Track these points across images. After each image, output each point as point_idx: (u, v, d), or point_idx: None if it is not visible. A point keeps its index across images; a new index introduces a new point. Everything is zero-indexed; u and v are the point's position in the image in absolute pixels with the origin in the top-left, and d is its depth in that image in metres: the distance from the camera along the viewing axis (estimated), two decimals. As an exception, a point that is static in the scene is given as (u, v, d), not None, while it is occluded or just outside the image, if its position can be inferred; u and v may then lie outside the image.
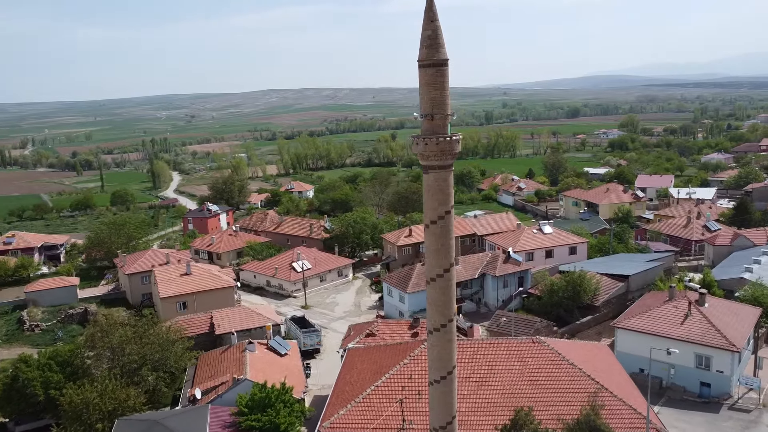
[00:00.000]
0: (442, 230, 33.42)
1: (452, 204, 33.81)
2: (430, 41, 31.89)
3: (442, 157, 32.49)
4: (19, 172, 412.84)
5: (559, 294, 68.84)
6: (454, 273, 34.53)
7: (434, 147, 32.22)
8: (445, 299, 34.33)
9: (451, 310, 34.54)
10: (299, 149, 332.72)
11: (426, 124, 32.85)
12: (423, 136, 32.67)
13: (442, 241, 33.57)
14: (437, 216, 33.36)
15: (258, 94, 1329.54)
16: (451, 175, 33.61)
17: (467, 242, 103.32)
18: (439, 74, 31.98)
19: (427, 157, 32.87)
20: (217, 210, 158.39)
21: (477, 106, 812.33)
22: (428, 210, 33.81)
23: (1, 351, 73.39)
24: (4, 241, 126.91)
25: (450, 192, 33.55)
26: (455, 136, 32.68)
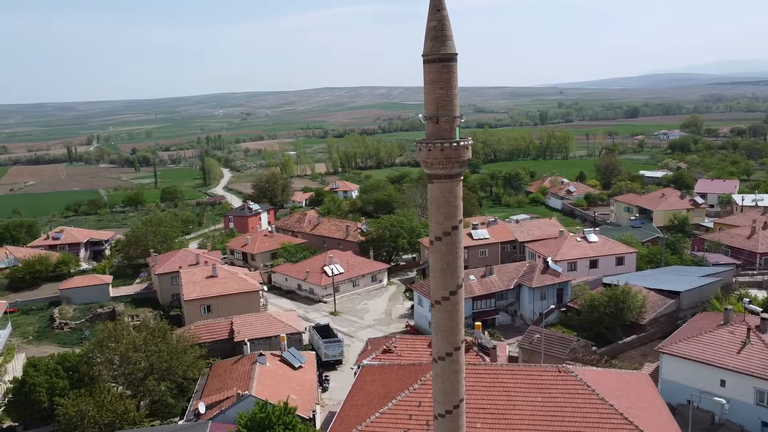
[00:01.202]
0: (449, 248, 29.59)
1: (460, 218, 29.89)
2: (436, 33, 28.11)
3: (448, 166, 28.65)
4: (83, 167, 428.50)
5: (599, 310, 63.47)
6: (462, 296, 30.59)
7: (438, 154, 28.43)
8: (451, 325, 30.45)
9: (458, 337, 30.62)
10: (348, 148, 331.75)
11: (430, 128, 29.09)
12: (426, 141, 28.96)
13: (449, 259, 29.71)
14: (442, 232, 29.53)
15: (312, 92, 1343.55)
16: (459, 186, 29.69)
17: (507, 249, 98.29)
18: (446, 70, 28.15)
19: (431, 165, 29.09)
20: (258, 209, 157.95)
21: (531, 106, 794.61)
22: (433, 224, 30.02)
23: (31, 348, 73.57)
24: (53, 236, 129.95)
25: (458, 205, 29.64)
26: (464, 142, 28.79)
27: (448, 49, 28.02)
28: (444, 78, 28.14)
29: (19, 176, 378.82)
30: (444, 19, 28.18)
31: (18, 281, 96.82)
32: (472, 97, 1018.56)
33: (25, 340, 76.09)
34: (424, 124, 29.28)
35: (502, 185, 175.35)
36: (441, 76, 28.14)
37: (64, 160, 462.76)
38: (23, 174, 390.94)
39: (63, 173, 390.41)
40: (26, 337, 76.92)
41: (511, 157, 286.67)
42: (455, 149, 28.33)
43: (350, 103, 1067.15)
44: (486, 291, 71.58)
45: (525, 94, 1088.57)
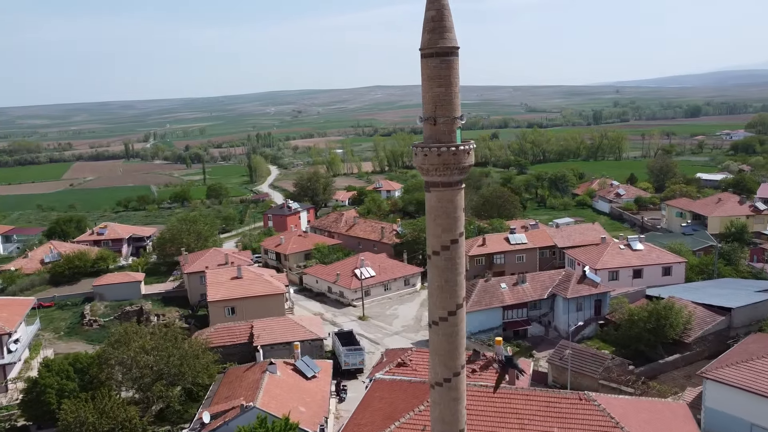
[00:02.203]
0: (448, 263, 26.70)
1: (461, 231, 26.95)
2: (434, 24, 25.24)
3: (446, 172, 25.75)
4: (139, 164, 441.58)
5: (639, 325, 58.88)
6: (463, 316, 27.65)
7: (435, 159, 25.57)
8: (450, 348, 27.55)
9: (457, 362, 27.70)
10: (395, 147, 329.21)
11: (427, 130, 26.26)
12: (422, 144, 26.15)
13: (447, 276, 26.82)
14: (441, 246, 26.68)
15: (364, 90, 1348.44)
16: (460, 195, 26.75)
17: (546, 254, 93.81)
18: (445, 66, 25.25)
19: (427, 171, 26.27)
20: (298, 207, 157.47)
21: (586, 105, 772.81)
22: (431, 237, 27.18)
23: (60, 344, 74.28)
24: (97, 231, 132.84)
25: (458, 216, 26.70)
26: (465, 146, 25.82)
27: (447, 42, 25.12)
28: (443, 74, 25.24)
29: (80, 172, 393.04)
30: (443, 9, 25.27)
31: (58, 276, 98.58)
32: (524, 96, 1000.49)
33: (57, 336, 76.94)
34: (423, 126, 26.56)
35: (547, 187, 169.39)
36: (439, 72, 25.26)
37: (122, 157, 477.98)
38: (84, 170, 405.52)
39: (120, 169, 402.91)
40: (58, 333, 77.80)
41: (560, 158, 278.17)
42: (454, 154, 25.42)
43: (401, 102, 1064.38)
44: (517, 300, 67.87)
45: (579, 93, 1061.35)
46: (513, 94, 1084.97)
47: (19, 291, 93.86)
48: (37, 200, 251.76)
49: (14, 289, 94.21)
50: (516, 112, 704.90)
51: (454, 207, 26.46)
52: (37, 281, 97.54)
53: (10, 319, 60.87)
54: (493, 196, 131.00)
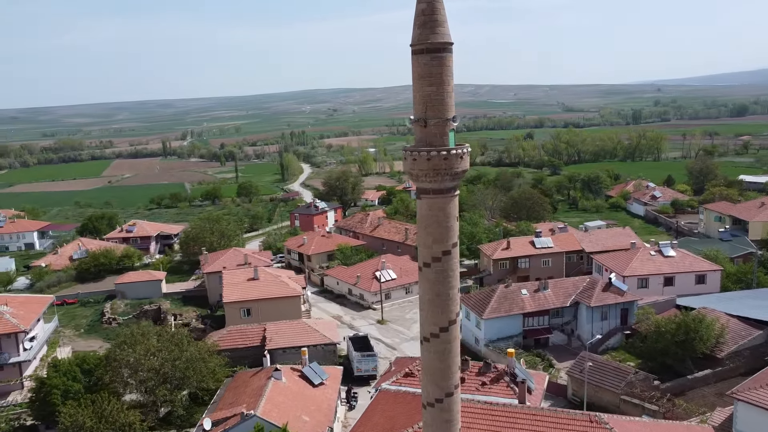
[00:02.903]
0: (439, 276, 24.84)
1: (454, 242, 25.05)
2: (425, 18, 23.39)
3: (437, 179, 23.88)
4: (175, 161, 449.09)
5: (666, 338, 55.65)
6: (456, 334, 25.75)
7: (424, 164, 23.73)
8: (442, 366, 25.67)
9: (450, 382, 25.82)
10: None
11: (418, 132, 24.42)
12: (412, 148, 24.33)
13: (439, 289, 24.96)
14: (431, 257, 24.83)
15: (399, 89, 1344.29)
16: (453, 204, 24.82)
17: (573, 259, 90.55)
18: (436, 63, 23.37)
19: (417, 177, 24.45)
20: (325, 207, 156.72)
21: (625, 104, 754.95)
22: (421, 248, 25.36)
23: (79, 342, 74.75)
24: (126, 229, 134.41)
25: (451, 225, 24.80)
26: (459, 149, 23.89)
27: (438, 38, 23.23)
28: (434, 72, 23.37)
29: (119, 169, 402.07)
30: (434, 2, 23.35)
31: (84, 273, 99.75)
32: (561, 95, 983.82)
33: (77, 333, 77.49)
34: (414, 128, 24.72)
35: (580, 188, 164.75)
36: (430, 69, 23.38)
37: (160, 155, 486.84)
38: (123, 167, 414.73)
39: (157, 167, 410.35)
40: (78, 330, 78.37)
41: (596, 158, 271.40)
42: (445, 159, 23.52)
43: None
44: (538, 307, 65.21)
45: (619, 92, 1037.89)
46: (550, 93, 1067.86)
47: (46, 287, 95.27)
48: (76, 197, 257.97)
49: (41, 285, 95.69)
50: (552, 112, 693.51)
51: (446, 216, 24.56)
52: (63, 278, 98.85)
53: (26, 317, 61.21)
54: (522, 197, 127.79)
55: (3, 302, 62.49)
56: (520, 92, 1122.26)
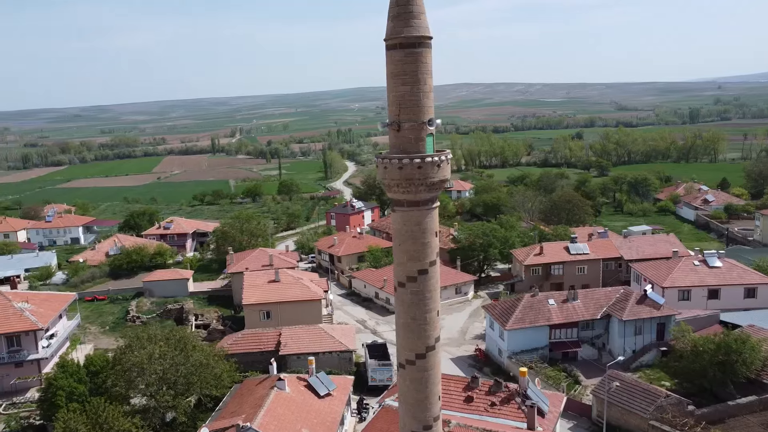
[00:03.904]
0: (414, 297, 22.33)
1: (433, 258, 22.48)
2: (398, 9, 20.87)
3: (410, 189, 21.35)
4: (223, 158, 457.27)
5: (704, 358, 51.18)
6: (435, 361, 23.19)
7: (396, 173, 21.24)
8: (419, 397, 23.15)
9: (428, 414, 23.27)
10: (472, 146, 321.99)
11: (392, 137, 21.93)
12: (384, 155, 21.88)
13: (415, 313, 22.43)
14: (406, 276, 22.35)
15: (449, 88, 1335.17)
16: (431, 217, 22.24)
17: (611, 266, 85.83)
18: (411, 60, 20.83)
19: (389, 187, 22.00)
20: (362, 206, 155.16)
21: (683, 102, 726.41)
22: (396, 266, 22.92)
23: (102, 339, 75.21)
24: (164, 225, 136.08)
25: (428, 242, 22.24)
26: (435, 157, 21.31)
27: (413, 31, 20.69)
28: (408, 70, 20.83)
29: (169, 166, 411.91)
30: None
31: (117, 269, 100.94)
32: (615, 94, 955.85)
33: (102, 330, 78.04)
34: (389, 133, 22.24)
35: (626, 191, 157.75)
36: (404, 67, 20.86)
37: (209, 151, 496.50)
38: (173, 163, 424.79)
39: (205, 163, 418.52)
40: (103, 327, 78.92)
41: (647, 159, 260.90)
42: (419, 167, 20.96)
43: (486, 100, 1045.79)
44: (566, 319, 61.45)
45: (676, 90, 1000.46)
46: (603, 91, 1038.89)
47: (80, 282, 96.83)
48: (126, 192, 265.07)
49: (75, 281, 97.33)
50: (605, 111, 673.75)
51: (422, 231, 22.01)
52: (97, 273, 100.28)
53: (45, 315, 61.63)
54: (562, 200, 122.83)
55: (24, 299, 63.15)
56: (573, 91, 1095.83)
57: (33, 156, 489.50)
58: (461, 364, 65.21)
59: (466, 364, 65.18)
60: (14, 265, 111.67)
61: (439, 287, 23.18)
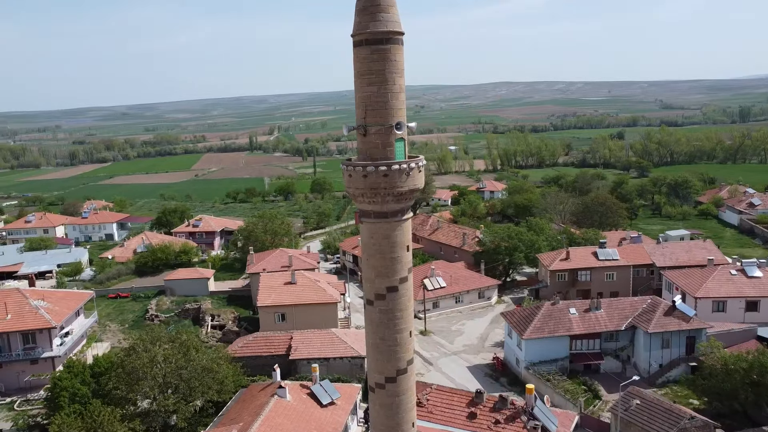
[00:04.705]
0: (383, 317, 20.51)
1: (404, 275, 20.59)
2: (365, 2, 19.03)
3: (376, 199, 19.53)
4: (260, 156, 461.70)
5: (735, 378, 47.71)
6: (408, 385, 21.30)
7: (360, 182, 19.46)
8: (390, 423, 21.31)
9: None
10: (509, 145, 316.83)
11: (359, 142, 20.19)
12: (349, 162, 20.12)
13: (384, 333, 20.62)
14: (374, 294, 20.55)
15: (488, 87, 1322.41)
16: (401, 229, 20.35)
17: (642, 274, 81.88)
18: (377, 57, 19.00)
19: (355, 197, 20.22)
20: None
21: (732, 100, 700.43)
22: (364, 282, 21.14)
23: (121, 337, 75.37)
24: (193, 223, 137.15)
25: (398, 257, 20.35)
26: (403, 164, 19.42)
27: (380, 26, 18.85)
28: (374, 69, 19.00)
29: (207, 163, 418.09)
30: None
31: (143, 267, 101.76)
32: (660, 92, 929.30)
33: (121, 328, 78.39)
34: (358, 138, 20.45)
35: (665, 193, 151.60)
36: (370, 65, 19.03)
37: (247, 149, 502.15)
38: (211, 161, 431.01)
39: (242, 161, 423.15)
40: (123, 325, 79.31)
41: (691, 160, 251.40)
42: (384, 176, 19.11)
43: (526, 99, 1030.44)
44: (588, 329, 58.47)
45: (725, 88, 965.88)
46: (647, 89, 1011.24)
47: (106, 279, 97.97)
48: (163, 189, 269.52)
49: (101, 278, 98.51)
50: (649, 110, 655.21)
51: (391, 245, 20.15)
52: (123, 270, 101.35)
53: (60, 313, 61.95)
54: (595, 202, 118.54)
55: (40, 297, 63.65)
56: (615, 89, 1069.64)
57: (80, 153, 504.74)
58: (477, 373, 62.94)
59: (482, 373, 62.90)
60: (48, 261, 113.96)
61: (411, 306, 21.27)
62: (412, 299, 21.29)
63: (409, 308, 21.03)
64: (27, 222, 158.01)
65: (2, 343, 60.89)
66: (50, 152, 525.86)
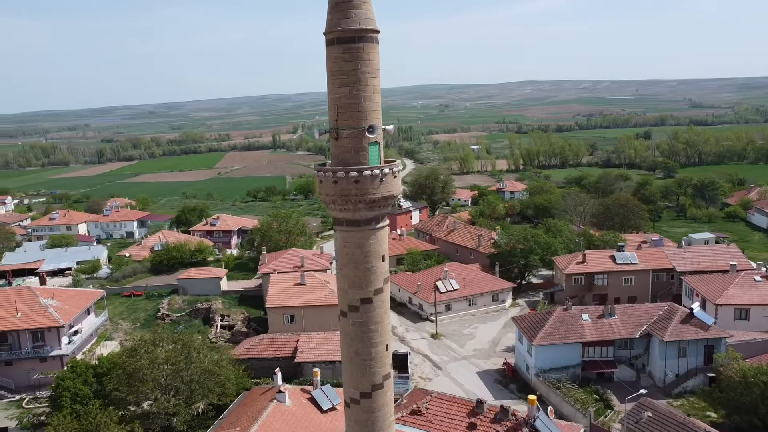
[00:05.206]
0: (357, 330, 19.51)
1: (378, 286, 19.54)
2: (337, 0, 18.06)
3: (347, 207, 18.52)
4: (283, 154, 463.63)
5: (755, 392, 45.59)
6: (384, 402, 20.25)
7: (330, 188, 18.47)
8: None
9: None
10: (531, 145, 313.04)
11: (332, 146, 19.18)
12: (320, 167, 19.13)
13: (357, 346, 19.62)
14: (348, 305, 19.57)
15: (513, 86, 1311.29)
16: (376, 238, 19.30)
17: (662, 278, 79.48)
18: (349, 57, 17.97)
19: (327, 204, 19.23)
20: (409, 206, 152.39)
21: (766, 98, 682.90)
22: (338, 291, 20.15)
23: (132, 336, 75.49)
24: (210, 222, 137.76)
25: (371, 267, 19.30)
26: (375, 170, 18.36)
27: (352, 23, 17.81)
28: (346, 69, 17.98)
29: (231, 161, 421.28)
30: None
31: (158, 265, 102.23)
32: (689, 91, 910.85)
33: (133, 327, 78.63)
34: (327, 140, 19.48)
35: (690, 195, 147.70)
36: (342, 65, 18.03)
37: (270, 147, 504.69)
38: (234, 159, 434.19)
39: (265, 159, 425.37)
40: (135, 324, 79.56)
41: (720, 160, 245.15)
42: (355, 182, 18.08)
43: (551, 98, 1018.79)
44: (601, 336, 56.67)
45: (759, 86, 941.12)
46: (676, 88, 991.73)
47: (122, 278, 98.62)
48: (186, 187, 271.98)
49: (117, 276, 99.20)
50: (678, 109, 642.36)
51: (365, 255, 19.11)
52: (139, 269, 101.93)
53: (69, 312, 62.21)
54: (616, 204, 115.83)
55: (50, 295, 64.03)
56: (643, 88, 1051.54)
57: (107, 151, 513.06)
58: (487, 378, 61.54)
59: (492, 379, 61.47)
60: (67, 258, 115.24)
61: (388, 319, 20.22)
62: (388, 311, 20.25)
63: (384, 321, 19.99)
64: (51, 219, 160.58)
65: (12, 341, 61.42)
66: (79, 150, 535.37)
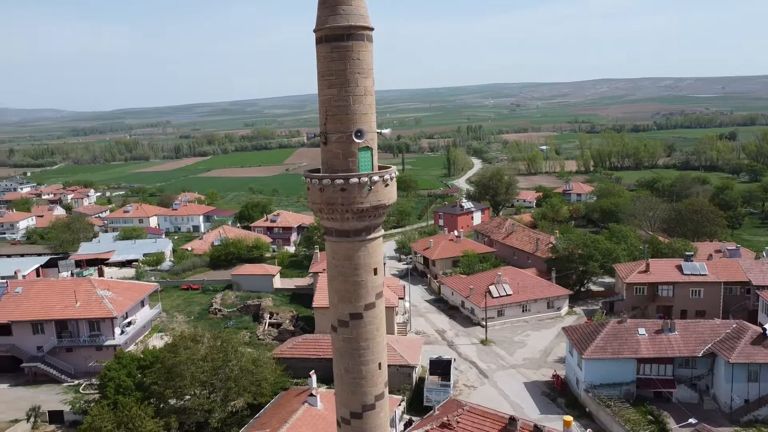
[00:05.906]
0: (347, 346, 18.30)
1: (370, 301, 18.25)
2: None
3: (333, 216, 17.33)
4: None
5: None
6: (377, 422, 18.93)
7: (317, 195, 17.33)
8: (356, 464, 19.09)
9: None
10: (602, 146, 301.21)
11: (321, 151, 18.02)
12: (309, 173, 18.01)
13: (348, 363, 18.42)
14: (337, 320, 18.38)
15: (588, 84, 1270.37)
16: (366, 250, 18.02)
17: (735, 292, 73.76)
18: (338, 56, 16.77)
19: (315, 212, 18.09)
20: (471, 207, 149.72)
21: None
22: (329, 304, 18.99)
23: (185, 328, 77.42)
24: (270, 218, 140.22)
25: (362, 281, 18.03)
26: (364, 177, 17.05)
27: (341, 20, 16.61)
28: (334, 69, 16.79)
29: (300, 157, 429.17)
30: (338, -30, 16.78)
31: (216, 260, 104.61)
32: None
33: (187, 320, 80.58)
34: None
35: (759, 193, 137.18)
36: (330, 65, 16.87)
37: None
38: (303, 155, 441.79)
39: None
40: (189, 317, 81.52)
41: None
42: (342, 190, 16.86)
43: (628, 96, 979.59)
44: (657, 353, 52.87)
45: None
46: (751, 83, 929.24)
47: (182, 271, 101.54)
48: (254, 183, 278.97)
49: (177, 269, 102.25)
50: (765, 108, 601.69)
51: (354, 267, 17.86)
52: (198, 263, 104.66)
53: (123, 303, 64.27)
54: (689, 209, 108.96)
55: (107, 287, 66.42)
56: (730, 85, 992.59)
57: (183, 147, 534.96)
58: (534, 390, 58.89)
59: (539, 391, 58.77)
60: (136, 250, 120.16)
61: (381, 336, 18.91)
62: (382, 328, 18.93)
63: (377, 338, 18.70)
64: (125, 212, 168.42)
65: (72, 329, 64.19)
66: (158, 146, 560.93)
